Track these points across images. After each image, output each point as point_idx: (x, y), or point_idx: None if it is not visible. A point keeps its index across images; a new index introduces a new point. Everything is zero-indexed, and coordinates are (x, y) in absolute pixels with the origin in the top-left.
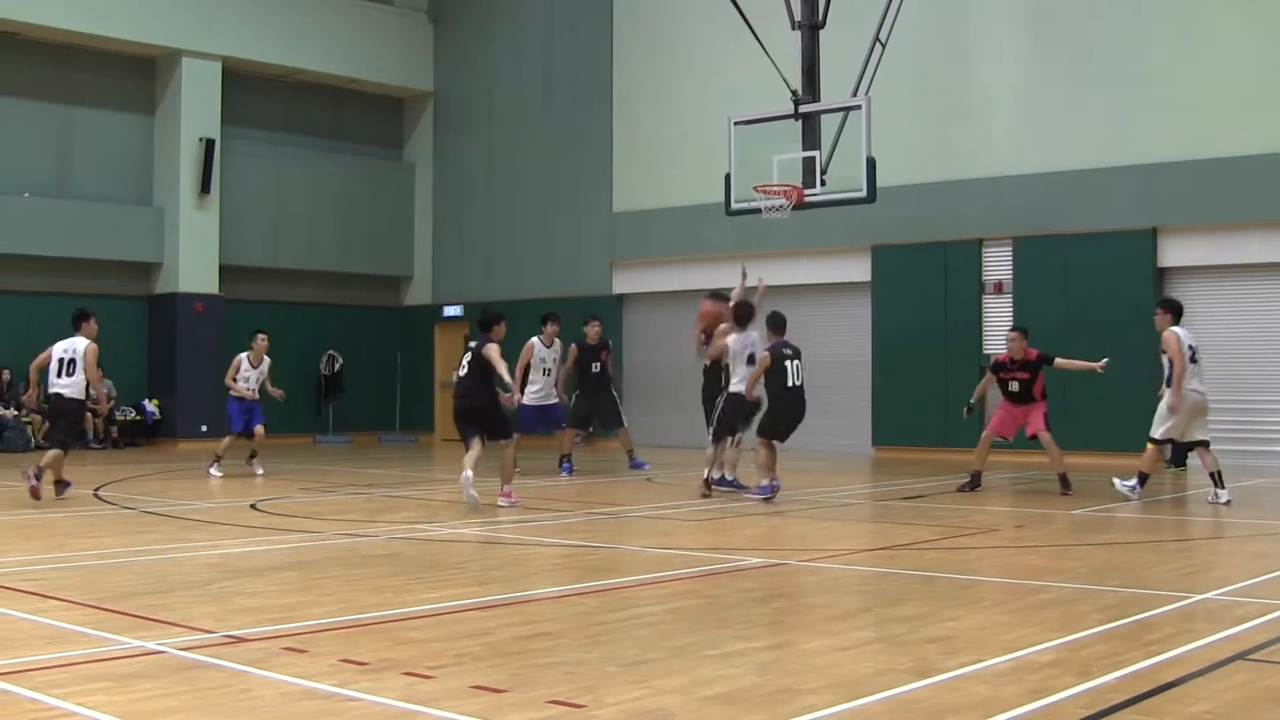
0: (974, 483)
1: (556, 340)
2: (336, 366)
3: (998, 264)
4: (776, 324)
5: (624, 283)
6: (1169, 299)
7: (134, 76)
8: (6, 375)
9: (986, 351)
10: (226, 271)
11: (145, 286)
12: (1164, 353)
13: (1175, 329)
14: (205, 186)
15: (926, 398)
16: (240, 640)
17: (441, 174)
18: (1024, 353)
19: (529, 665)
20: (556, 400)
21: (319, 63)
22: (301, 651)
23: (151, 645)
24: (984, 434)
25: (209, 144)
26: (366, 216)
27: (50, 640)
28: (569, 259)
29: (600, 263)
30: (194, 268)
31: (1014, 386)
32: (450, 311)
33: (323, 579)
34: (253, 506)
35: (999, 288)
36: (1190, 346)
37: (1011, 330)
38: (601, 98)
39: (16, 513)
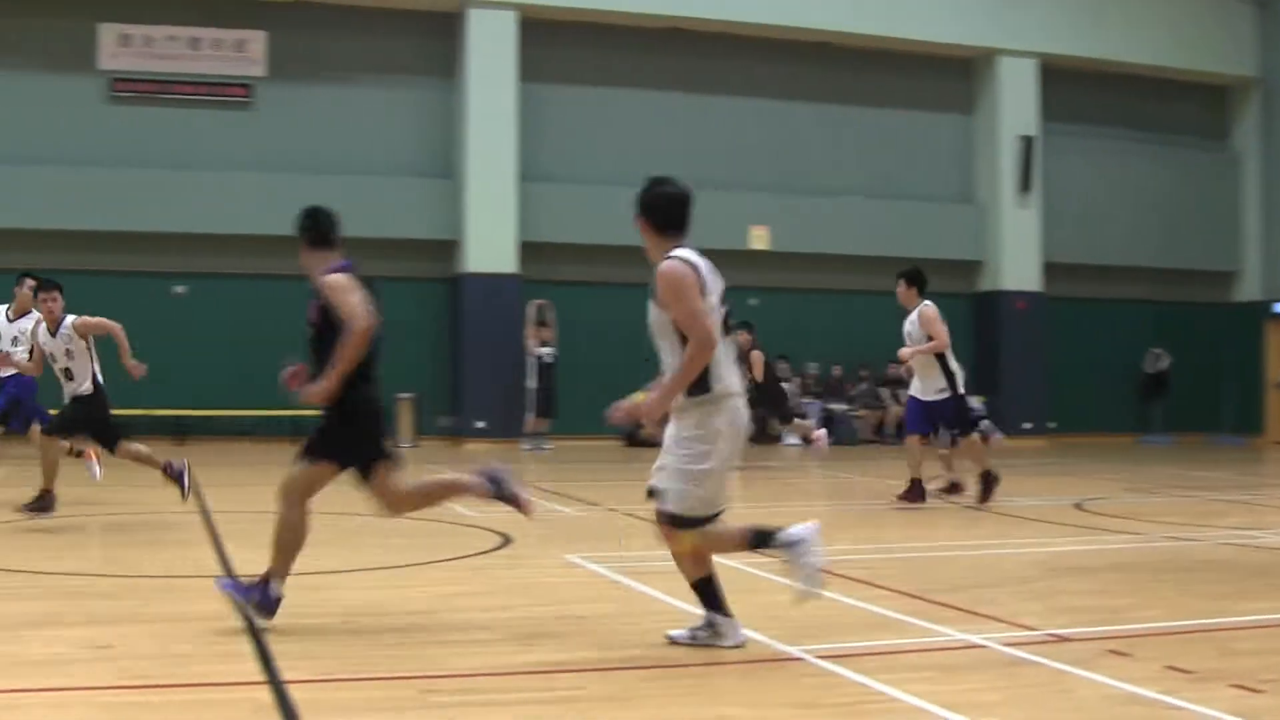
0: None
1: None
2: (1162, 365)
3: None
4: None
5: None
6: None
7: (951, 77)
8: (864, 374)
9: None
10: (1049, 269)
11: (969, 284)
12: None
13: None
14: (1025, 184)
15: None
16: (1063, 639)
17: (1272, 165)
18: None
19: None
20: None
21: (1136, 54)
22: (1125, 655)
23: (975, 639)
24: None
25: (1028, 141)
26: (1188, 210)
27: (877, 627)
28: None
29: None
30: (1016, 265)
31: None
32: None
33: (1147, 582)
34: (1077, 506)
35: None
36: None
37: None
38: None
39: (851, 504)
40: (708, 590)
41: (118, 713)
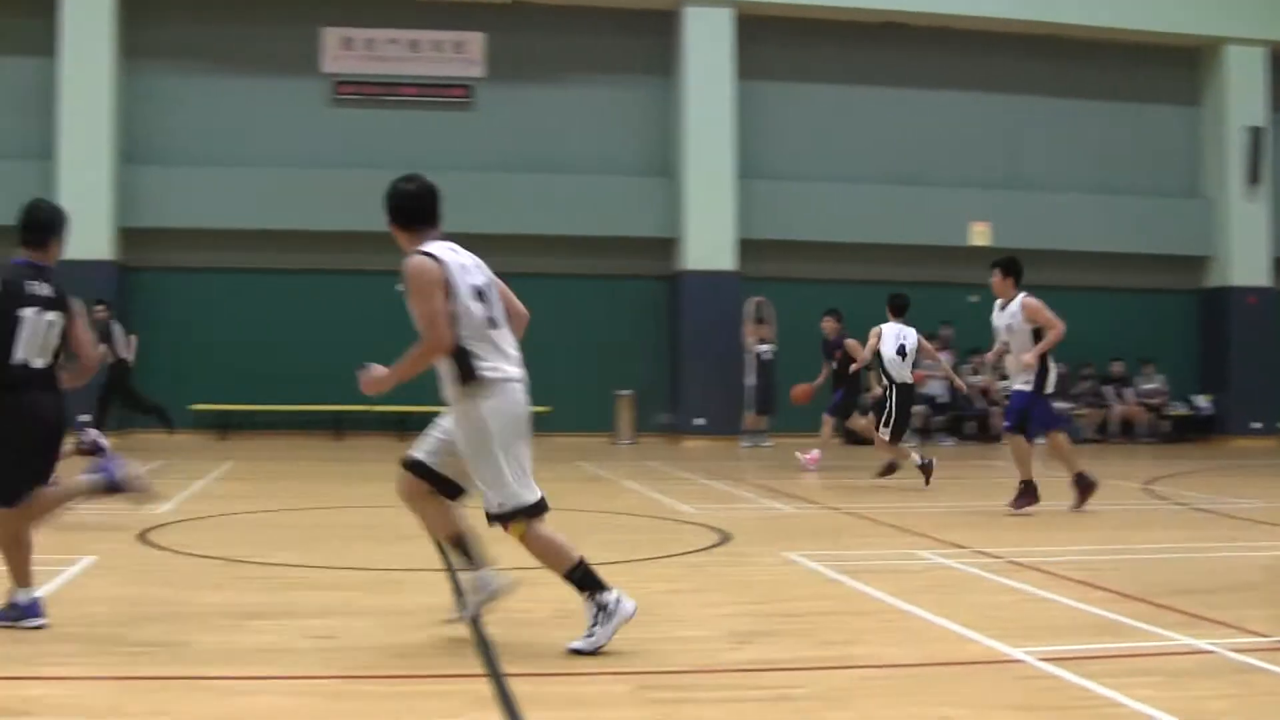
0: None
1: None
2: None
3: None
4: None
5: None
6: None
7: (1176, 68)
8: (1087, 372)
9: None
10: None
11: (1196, 280)
12: None
13: None
14: (1254, 176)
15: None
16: None
17: None
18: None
19: None
20: None
21: None
22: None
23: (1202, 644)
24: None
25: (1256, 132)
26: None
27: (1100, 630)
28: None
29: None
30: (1245, 260)
31: None
32: None
33: None
34: None
35: None
36: None
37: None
38: None
39: (1067, 503)
40: (463, 545)
41: (341, 701)
